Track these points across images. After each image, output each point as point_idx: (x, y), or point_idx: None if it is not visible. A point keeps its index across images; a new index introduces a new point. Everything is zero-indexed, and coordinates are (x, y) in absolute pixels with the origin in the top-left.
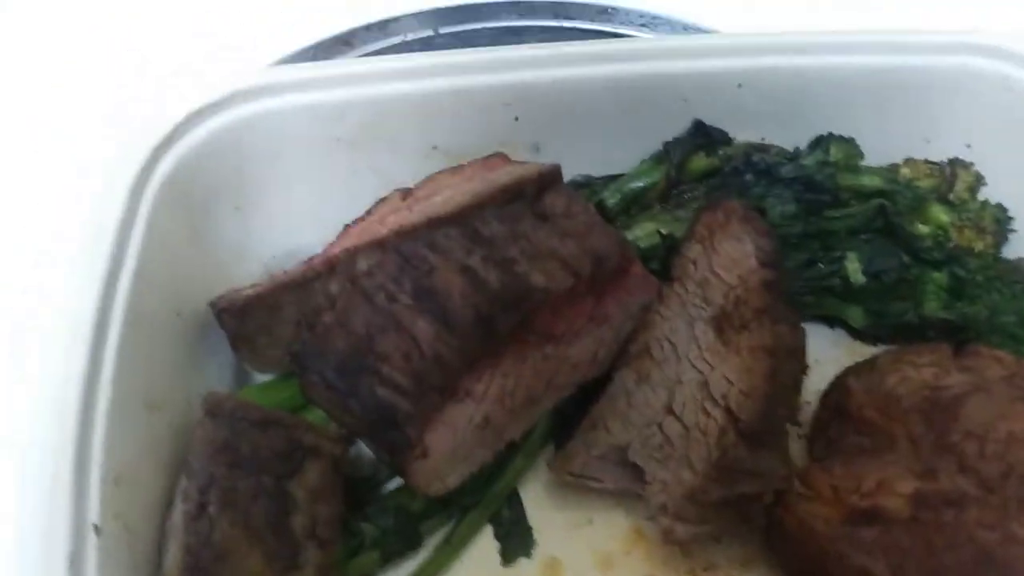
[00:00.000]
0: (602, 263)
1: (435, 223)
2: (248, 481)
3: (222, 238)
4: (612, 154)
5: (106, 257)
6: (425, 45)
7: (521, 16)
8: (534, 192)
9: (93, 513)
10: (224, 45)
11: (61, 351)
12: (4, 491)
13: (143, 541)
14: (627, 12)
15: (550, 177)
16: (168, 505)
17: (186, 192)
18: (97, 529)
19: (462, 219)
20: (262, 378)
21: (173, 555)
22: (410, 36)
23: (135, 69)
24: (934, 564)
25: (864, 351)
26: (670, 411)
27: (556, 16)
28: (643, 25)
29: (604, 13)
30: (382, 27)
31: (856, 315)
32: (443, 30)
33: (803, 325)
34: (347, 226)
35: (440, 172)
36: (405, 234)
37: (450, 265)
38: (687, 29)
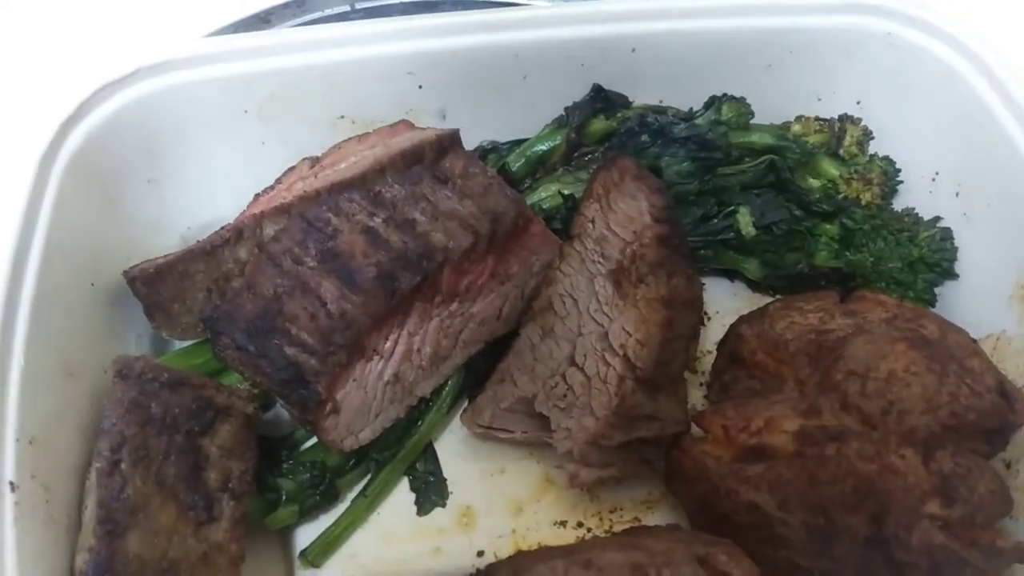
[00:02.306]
0: (500, 221)
1: (337, 188)
2: (159, 439)
3: (137, 211)
4: (516, 119)
5: (15, 231)
6: (340, 20)
7: None
8: (433, 156)
9: (8, 471)
10: (141, 24)
11: None
12: None
13: (63, 500)
14: None
15: (448, 141)
16: (88, 466)
17: (96, 166)
18: (12, 486)
19: (364, 183)
20: (180, 346)
21: (89, 511)
22: (327, 12)
23: (42, 47)
24: (817, 495)
25: (762, 302)
26: (573, 362)
27: None
28: None
29: None
30: (300, 3)
31: (753, 267)
32: (359, 5)
33: (703, 279)
34: (257, 195)
35: (346, 140)
36: (309, 199)
37: (353, 227)
38: None
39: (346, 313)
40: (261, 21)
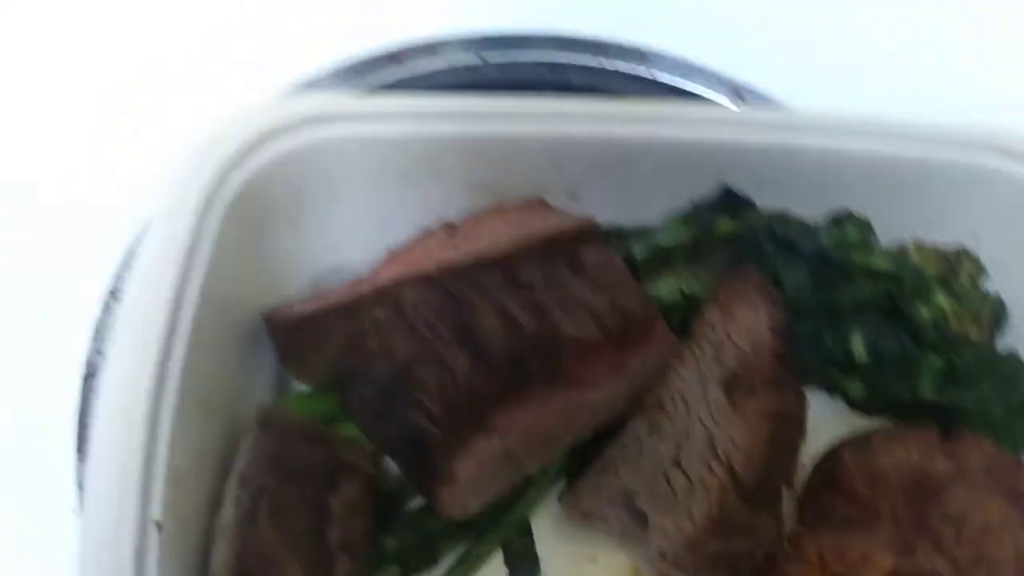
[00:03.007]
0: (629, 320)
1: (478, 264)
2: (293, 493)
3: (275, 252)
4: (642, 207)
5: (176, 270)
6: (472, 73)
7: (563, 50)
8: (572, 244)
9: (156, 511)
10: (279, 49)
11: (131, 358)
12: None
13: (193, 539)
14: (663, 58)
15: (588, 232)
16: (215, 505)
17: (250, 209)
18: (159, 526)
19: (503, 263)
20: (300, 387)
21: (222, 557)
22: (458, 62)
23: (194, 79)
24: None
25: (858, 422)
26: (677, 463)
27: (595, 55)
28: (678, 74)
29: (641, 57)
30: (430, 49)
31: (856, 388)
32: (489, 58)
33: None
34: (392, 252)
35: (484, 211)
36: (450, 272)
37: (489, 306)
38: (720, 81)
39: (474, 388)
40: (393, 61)
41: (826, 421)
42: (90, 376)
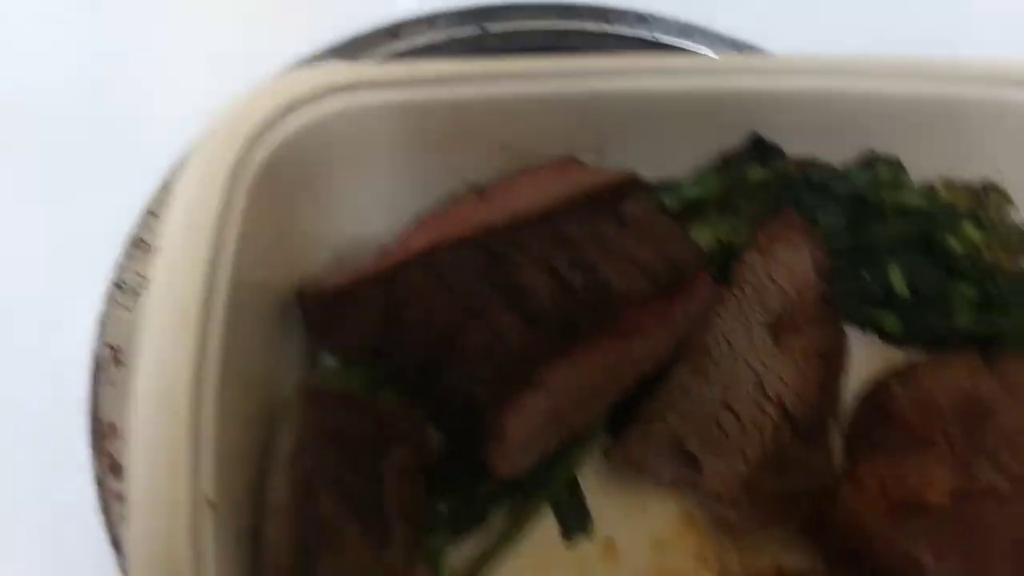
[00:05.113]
0: (679, 270)
1: (520, 223)
2: (349, 464)
3: (299, 224)
4: (669, 161)
5: (208, 245)
6: (476, 43)
7: (562, 18)
8: (613, 197)
9: (210, 491)
10: (270, 28)
11: (169, 338)
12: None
13: (242, 517)
14: (664, 22)
15: (629, 184)
16: (260, 482)
17: (274, 181)
18: (213, 506)
19: (545, 220)
20: (329, 361)
21: (278, 534)
22: (458, 34)
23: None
24: (974, 548)
25: (892, 355)
26: (726, 406)
27: (596, 20)
28: (679, 35)
29: (642, 21)
30: (429, 22)
31: (891, 322)
32: (490, 28)
33: None
34: (421, 218)
35: (515, 172)
36: (489, 232)
37: (535, 264)
38: (721, 40)
39: (523, 348)
40: (390, 36)
41: (859, 355)
42: (98, 368)
